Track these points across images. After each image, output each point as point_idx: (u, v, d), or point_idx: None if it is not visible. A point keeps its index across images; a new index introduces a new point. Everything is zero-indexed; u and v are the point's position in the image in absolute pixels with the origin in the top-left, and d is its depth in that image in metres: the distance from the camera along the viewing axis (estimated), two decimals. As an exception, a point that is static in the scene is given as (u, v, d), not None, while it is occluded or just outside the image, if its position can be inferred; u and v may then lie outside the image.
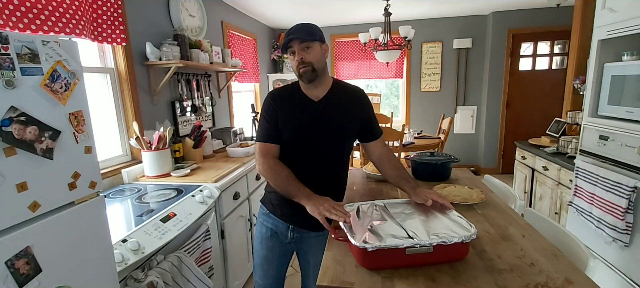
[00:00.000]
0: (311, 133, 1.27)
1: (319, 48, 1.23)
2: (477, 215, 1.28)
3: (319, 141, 1.28)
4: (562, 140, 2.48)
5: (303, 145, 1.28)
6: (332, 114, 1.28)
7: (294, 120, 1.27)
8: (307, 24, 1.23)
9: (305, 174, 1.25)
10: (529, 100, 4.54)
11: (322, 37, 1.25)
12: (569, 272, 0.90)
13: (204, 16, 2.92)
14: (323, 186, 1.26)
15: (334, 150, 1.32)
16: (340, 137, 1.32)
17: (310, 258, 1.36)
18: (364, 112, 1.34)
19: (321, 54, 1.24)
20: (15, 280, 0.86)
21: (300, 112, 1.27)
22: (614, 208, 1.71)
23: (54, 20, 1.53)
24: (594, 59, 1.93)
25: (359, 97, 1.35)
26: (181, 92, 2.55)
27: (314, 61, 1.21)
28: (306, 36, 1.19)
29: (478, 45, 4.62)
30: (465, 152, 4.95)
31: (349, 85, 1.37)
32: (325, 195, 1.20)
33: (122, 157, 2.14)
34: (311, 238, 1.33)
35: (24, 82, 0.89)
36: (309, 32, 1.20)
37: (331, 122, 1.28)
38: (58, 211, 0.99)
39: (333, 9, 3.91)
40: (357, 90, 1.36)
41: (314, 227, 1.25)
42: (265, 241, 1.39)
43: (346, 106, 1.30)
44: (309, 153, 1.28)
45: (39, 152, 0.92)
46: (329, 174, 1.33)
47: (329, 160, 1.31)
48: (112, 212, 1.58)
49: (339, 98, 1.30)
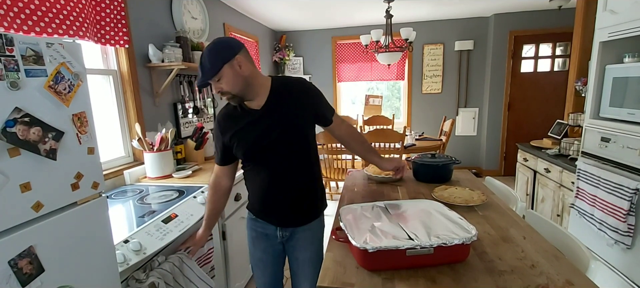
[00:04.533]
0: (265, 143, 1.23)
1: (229, 70, 1.13)
2: (478, 216, 1.29)
3: (276, 148, 1.24)
4: (564, 142, 2.47)
5: (263, 157, 1.25)
6: (279, 116, 1.22)
7: (242, 138, 1.24)
8: (209, 54, 1.14)
9: (279, 184, 1.27)
10: (530, 102, 4.53)
11: (228, 56, 1.13)
12: (570, 273, 0.90)
13: (206, 18, 2.93)
14: (303, 189, 1.31)
15: (298, 149, 1.28)
16: (296, 135, 1.27)
17: (298, 254, 1.35)
18: (311, 101, 1.28)
19: (234, 75, 1.15)
20: (18, 279, 0.86)
21: (246, 127, 1.23)
22: (615, 211, 1.70)
23: (58, 22, 1.54)
24: (595, 60, 1.93)
25: (301, 88, 1.28)
26: (183, 94, 2.56)
27: (230, 89, 1.16)
28: (209, 75, 1.13)
29: (480, 47, 4.62)
30: (467, 154, 4.95)
31: (289, 79, 1.30)
32: (308, 194, 1.32)
33: (125, 158, 2.15)
34: (298, 233, 1.34)
35: (29, 84, 0.90)
36: (211, 67, 1.13)
37: (280, 124, 1.22)
38: (61, 211, 1.00)
39: (334, 11, 3.92)
40: (299, 82, 1.29)
41: (299, 222, 1.33)
42: (257, 243, 1.39)
43: (291, 102, 1.24)
44: (273, 163, 1.25)
45: (42, 152, 0.93)
46: (302, 175, 1.30)
47: (297, 161, 1.28)
48: (115, 212, 1.59)
49: (282, 97, 1.24)
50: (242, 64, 1.16)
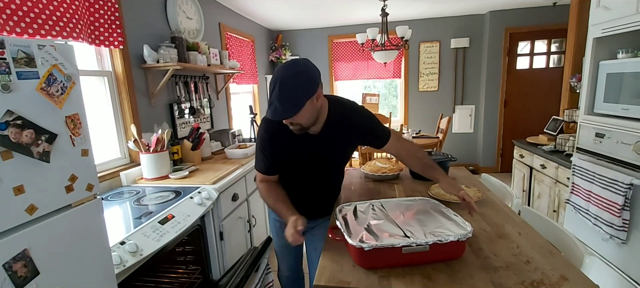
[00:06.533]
0: (312, 164, 1.31)
1: (309, 105, 1.06)
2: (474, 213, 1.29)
3: (321, 168, 1.34)
4: (560, 138, 2.48)
5: (305, 172, 1.34)
6: (332, 144, 1.27)
7: (292, 155, 1.26)
8: (292, 87, 1.02)
9: (313, 190, 1.39)
10: (526, 98, 4.55)
11: (312, 91, 1.05)
12: (565, 269, 0.91)
13: (201, 18, 2.92)
14: (331, 193, 1.47)
15: (337, 169, 1.44)
16: (342, 160, 1.42)
17: (317, 244, 1.41)
18: (364, 129, 1.31)
19: (312, 109, 1.08)
20: (13, 282, 0.86)
21: (299, 147, 1.24)
22: (610, 206, 1.71)
23: (51, 24, 1.53)
24: (589, 57, 1.94)
25: (356, 117, 1.29)
26: (179, 95, 2.56)
27: (304, 122, 1.11)
28: (290, 113, 1.04)
29: (475, 44, 4.63)
30: (464, 151, 4.96)
31: (344, 106, 1.28)
32: (333, 196, 1.47)
33: (121, 159, 2.14)
34: (319, 224, 1.44)
35: (20, 86, 0.90)
36: (294, 103, 1.02)
37: (332, 151, 1.30)
38: (55, 214, 0.99)
39: (330, 10, 3.92)
40: (354, 112, 1.28)
41: (319, 215, 1.44)
42: (281, 233, 1.44)
43: (346, 132, 1.27)
44: (313, 175, 1.36)
45: (35, 155, 0.92)
46: (332, 186, 1.47)
47: (333, 174, 1.44)
48: (111, 214, 1.58)
49: (338, 126, 1.24)
50: (319, 97, 1.09)
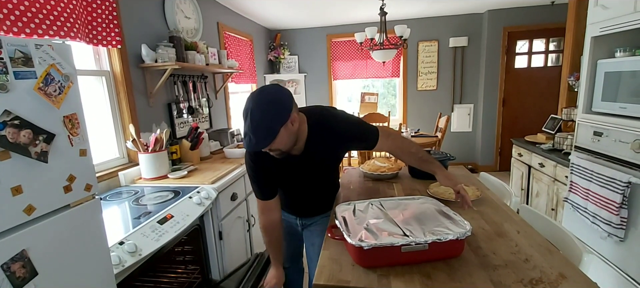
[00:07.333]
0: (299, 178, 1.35)
1: (285, 132, 1.06)
2: (472, 212, 1.29)
3: (309, 178, 1.37)
4: (558, 136, 2.49)
5: (298, 182, 1.38)
6: (319, 158, 1.29)
7: (278, 174, 1.30)
8: (263, 118, 1.02)
9: (305, 194, 1.43)
10: (525, 97, 4.56)
11: (285, 118, 1.04)
12: (563, 267, 0.91)
13: (199, 17, 2.92)
14: (324, 194, 1.47)
15: (327, 174, 1.45)
16: (331, 166, 1.43)
17: (315, 240, 1.45)
18: (349, 137, 1.26)
19: (288, 134, 1.08)
20: (12, 283, 0.86)
21: (286, 167, 1.26)
22: (608, 204, 1.72)
23: (48, 23, 1.52)
24: (587, 55, 1.94)
25: (340, 127, 1.24)
26: (177, 94, 2.55)
27: (282, 147, 1.11)
28: (265, 143, 1.05)
29: (474, 43, 4.64)
30: (462, 150, 4.97)
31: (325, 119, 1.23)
32: (327, 196, 1.47)
33: (119, 159, 2.13)
34: (315, 220, 1.47)
35: (18, 86, 0.89)
36: (267, 133, 1.03)
37: (320, 163, 1.33)
38: (54, 214, 0.99)
39: (329, 9, 3.92)
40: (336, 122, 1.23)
41: (316, 213, 1.47)
42: None
43: (330, 143, 1.24)
44: (305, 185, 1.40)
45: (33, 155, 0.92)
46: (326, 186, 1.48)
47: (324, 179, 1.45)
48: (110, 214, 1.58)
49: (321, 139, 1.22)
50: (294, 120, 1.08)
